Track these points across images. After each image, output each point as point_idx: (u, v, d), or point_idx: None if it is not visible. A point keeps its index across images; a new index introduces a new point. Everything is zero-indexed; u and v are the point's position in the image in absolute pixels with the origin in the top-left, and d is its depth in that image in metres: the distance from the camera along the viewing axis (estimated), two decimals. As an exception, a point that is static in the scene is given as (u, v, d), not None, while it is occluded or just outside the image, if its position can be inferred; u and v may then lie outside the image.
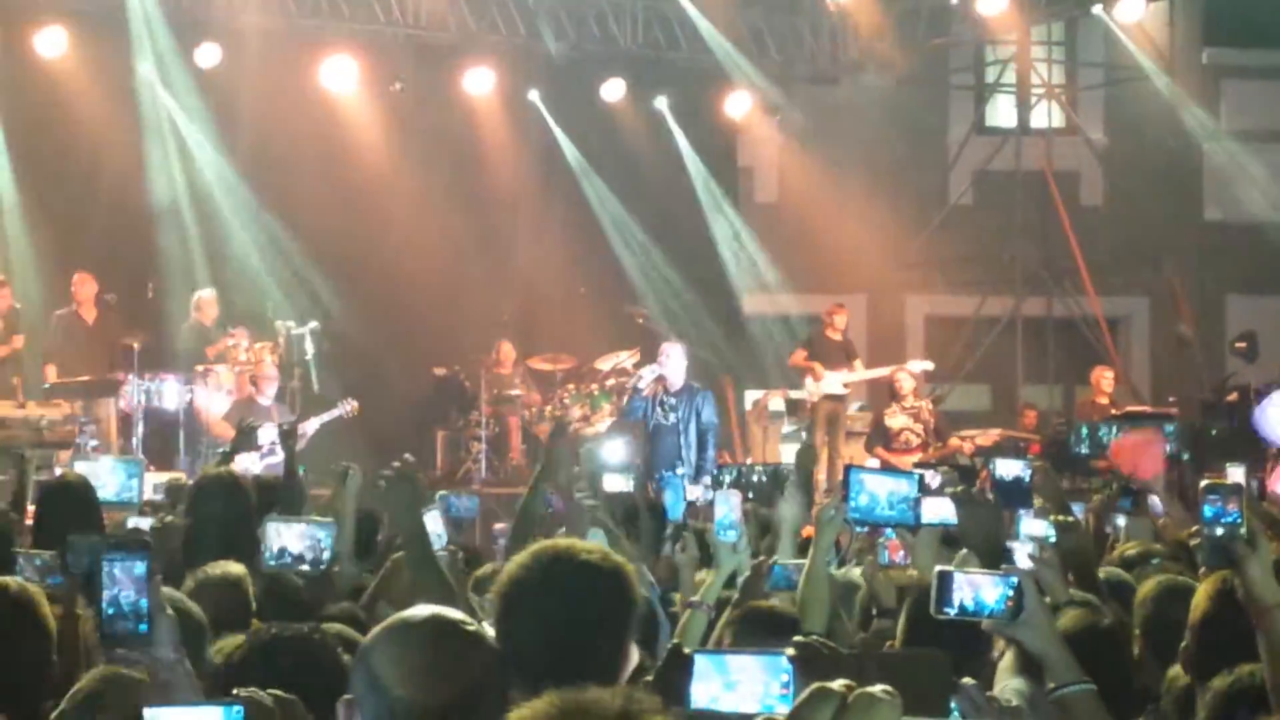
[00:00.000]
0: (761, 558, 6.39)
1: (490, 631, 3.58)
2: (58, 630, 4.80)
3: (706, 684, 3.54)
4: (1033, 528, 6.81)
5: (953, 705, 3.92)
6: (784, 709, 3.46)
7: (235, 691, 3.61)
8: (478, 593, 6.58)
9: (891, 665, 3.72)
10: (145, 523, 7.32)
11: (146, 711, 3.47)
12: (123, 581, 3.79)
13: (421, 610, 3.43)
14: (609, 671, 3.65)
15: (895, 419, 18.38)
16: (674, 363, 16.26)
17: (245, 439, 10.69)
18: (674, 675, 3.57)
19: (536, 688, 3.30)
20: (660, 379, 16.25)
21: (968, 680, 4.02)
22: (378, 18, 19.56)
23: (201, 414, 17.30)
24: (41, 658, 4.71)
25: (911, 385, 18.57)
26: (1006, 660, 4.83)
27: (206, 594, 5.49)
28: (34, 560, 6.43)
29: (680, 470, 15.62)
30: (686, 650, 3.63)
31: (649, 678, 3.78)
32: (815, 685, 3.03)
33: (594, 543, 3.89)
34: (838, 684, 3.02)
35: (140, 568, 3.82)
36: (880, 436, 18.41)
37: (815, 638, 3.62)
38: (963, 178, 23.73)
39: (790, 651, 3.54)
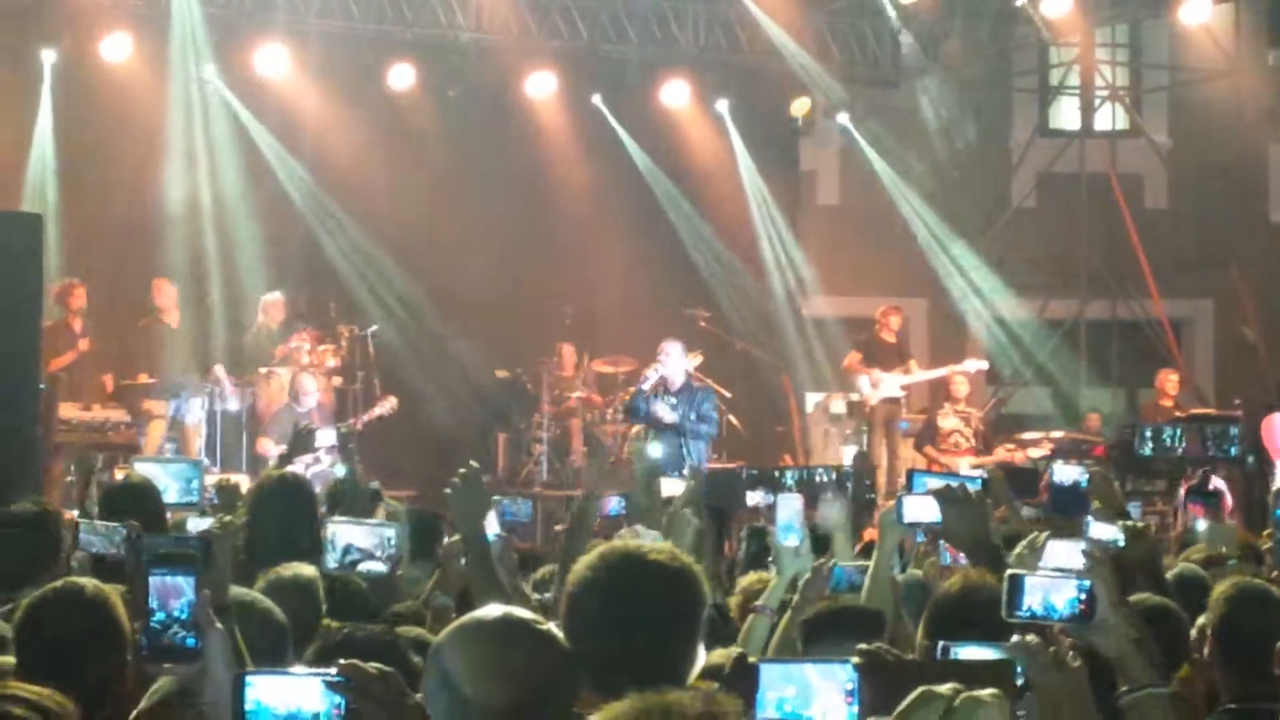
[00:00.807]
0: (821, 560, 6.37)
1: (559, 631, 3.58)
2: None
3: (773, 693, 3.51)
4: (1101, 532, 6.78)
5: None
6: (849, 717, 3.46)
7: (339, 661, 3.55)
8: (538, 593, 6.60)
9: (957, 672, 3.69)
10: (205, 523, 7.34)
11: (249, 678, 3.42)
12: (170, 595, 3.66)
13: (492, 610, 3.44)
14: (677, 672, 3.65)
15: (947, 420, 18.36)
16: (673, 361, 15.94)
17: (302, 441, 10.70)
18: (740, 684, 3.54)
19: (605, 687, 3.31)
20: (661, 379, 15.93)
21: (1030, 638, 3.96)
22: (440, 22, 19.59)
23: (263, 417, 17.41)
24: (117, 658, 4.73)
25: (966, 390, 18.56)
26: None
27: (278, 596, 5.50)
28: (98, 531, 6.47)
29: (685, 471, 15.36)
30: (752, 659, 3.61)
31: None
32: (922, 689, 3.02)
33: (662, 543, 3.88)
34: (945, 688, 3.01)
35: (188, 582, 3.67)
36: (930, 435, 18.40)
37: (879, 645, 3.59)
38: (1026, 180, 23.60)
39: (855, 660, 3.52)
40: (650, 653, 3.64)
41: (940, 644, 4.17)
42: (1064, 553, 6.24)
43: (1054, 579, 4.29)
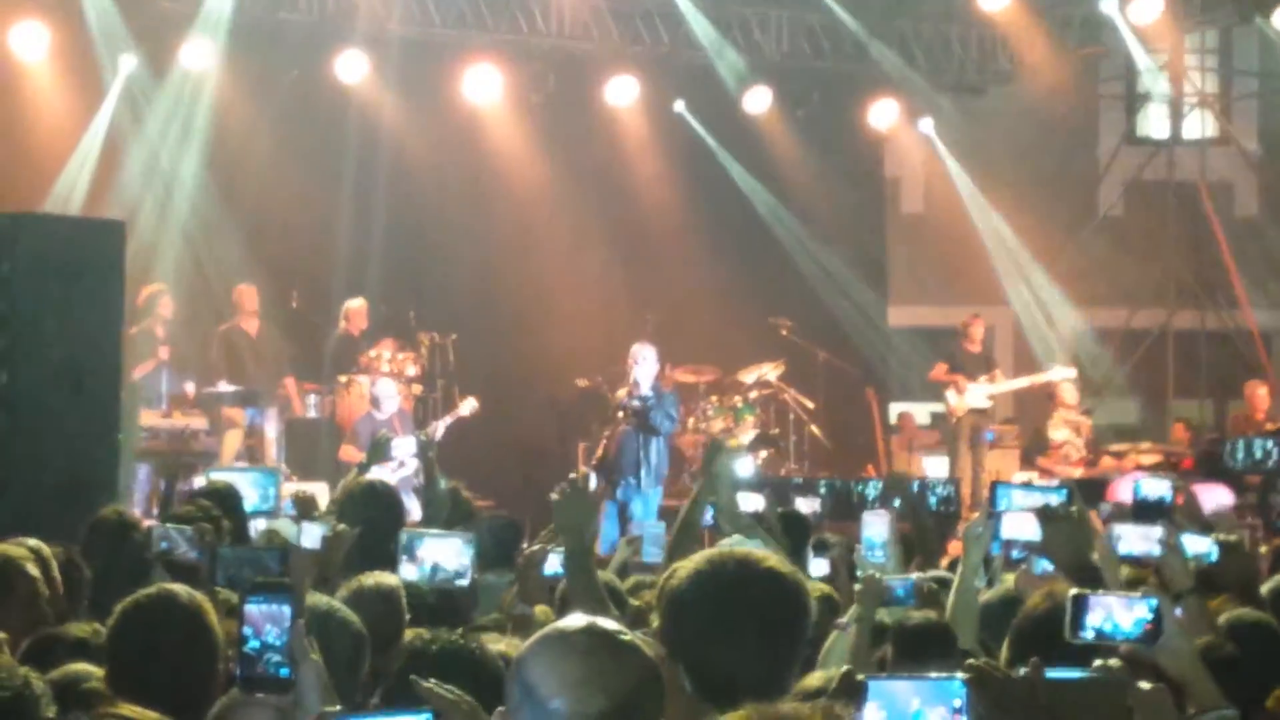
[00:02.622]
0: (872, 572, 6.26)
1: (646, 641, 3.48)
2: None
3: (880, 709, 3.44)
4: (1196, 545, 6.67)
5: None
6: None
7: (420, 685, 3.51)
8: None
9: (1066, 689, 3.61)
10: (318, 530, 7.28)
11: None
12: (264, 623, 3.60)
13: (576, 620, 3.37)
14: (782, 683, 3.59)
15: (1058, 431, 18.15)
16: (645, 367, 15.62)
17: (380, 451, 10.69)
18: (845, 701, 3.46)
19: (708, 693, 3.23)
20: (633, 383, 15.59)
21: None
22: (521, 28, 19.56)
23: (344, 425, 17.42)
24: (210, 666, 4.70)
25: (1075, 396, 18.32)
26: None
27: (360, 605, 5.45)
28: (185, 532, 6.46)
29: (642, 476, 15.21)
30: (860, 676, 3.52)
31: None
32: None
33: (770, 552, 3.79)
34: None
35: (284, 611, 3.62)
36: (1040, 447, 18.20)
37: (987, 661, 3.51)
38: (1113, 188, 23.40)
39: (963, 675, 3.44)
40: (759, 661, 3.58)
41: (1074, 593, 4.17)
42: (1138, 540, 6.16)
43: (1120, 598, 4.17)
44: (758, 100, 20.79)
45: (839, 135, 21.42)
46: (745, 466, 17.53)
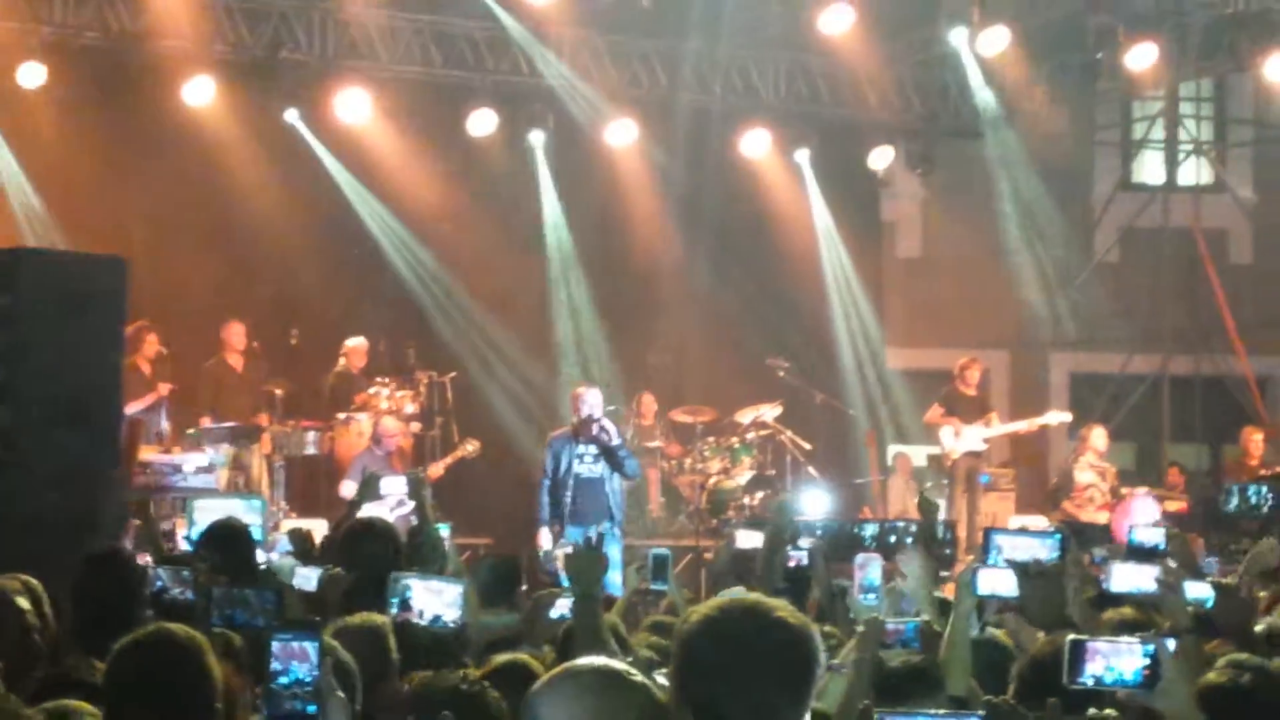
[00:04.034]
0: (875, 614, 6.29)
1: (656, 682, 3.52)
2: None
3: None
4: (1196, 590, 6.70)
5: None
6: None
7: None
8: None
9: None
10: (314, 574, 7.32)
11: None
12: (292, 660, 3.63)
13: (588, 660, 3.40)
14: None
15: (1084, 474, 18.15)
16: (593, 407, 15.04)
17: (369, 489, 10.71)
18: None
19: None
20: (582, 424, 15.00)
21: None
22: (521, 69, 19.60)
23: (340, 462, 17.42)
24: (208, 706, 4.71)
25: (1104, 443, 18.36)
26: None
27: (348, 642, 5.48)
28: (180, 573, 6.48)
29: (614, 522, 14.99)
30: (876, 716, 3.55)
31: None
32: None
33: (782, 601, 3.82)
34: None
35: (312, 649, 3.64)
36: (1066, 489, 18.22)
37: (1005, 699, 3.55)
38: (1109, 234, 23.45)
39: (981, 713, 3.48)
40: (763, 707, 3.59)
41: (1071, 639, 4.19)
42: (1132, 576, 6.19)
43: (1117, 644, 4.18)
44: (755, 143, 20.85)
45: (835, 179, 21.48)
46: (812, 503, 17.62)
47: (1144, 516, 13.50)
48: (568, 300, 20.29)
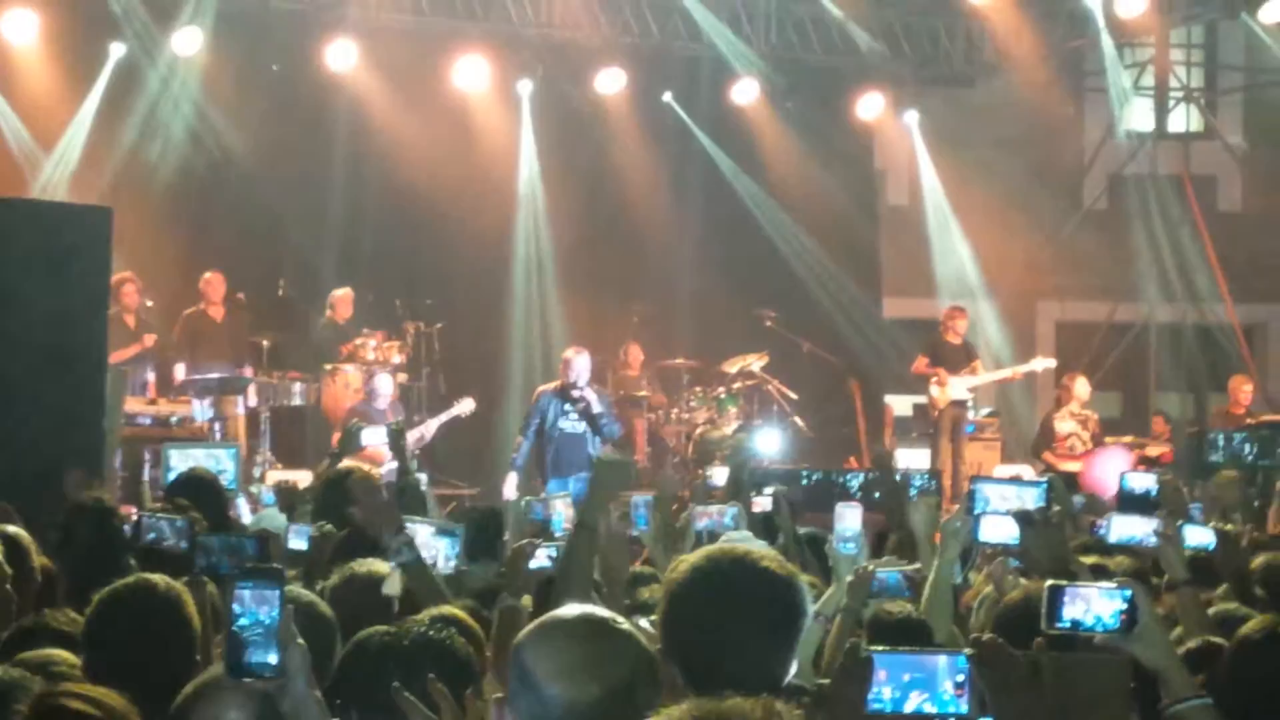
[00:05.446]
0: (864, 564, 6.31)
1: (642, 630, 3.51)
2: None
3: (885, 684, 3.54)
4: (1197, 536, 6.72)
5: None
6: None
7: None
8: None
9: (1068, 668, 3.65)
10: (305, 532, 7.32)
11: None
12: (253, 610, 3.59)
13: (572, 608, 3.41)
14: (772, 678, 3.63)
15: (1064, 423, 18.16)
16: (574, 375, 15.89)
17: (350, 441, 10.70)
18: (853, 676, 3.57)
19: (698, 684, 3.27)
20: (563, 389, 15.88)
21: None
22: (510, 17, 19.52)
23: (329, 413, 17.40)
24: (188, 656, 4.74)
25: (1088, 392, 18.37)
26: None
27: (352, 593, 5.47)
28: (174, 523, 6.47)
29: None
30: (865, 652, 3.57)
31: (824, 680, 3.75)
32: None
33: (770, 550, 3.83)
34: None
35: (274, 595, 3.59)
36: (1047, 439, 18.23)
37: (993, 637, 3.57)
38: (1098, 182, 23.41)
39: (969, 651, 3.51)
40: (749, 655, 3.64)
41: (1050, 584, 4.20)
42: (1132, 526, 6.21)
43: (1095, 589, 4.18)
44: (745, 92, 20.78)
45: (826, 127, 21.40)
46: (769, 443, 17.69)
47: (1115, 468, 13.48)
48: (549, 254, 20.23)
